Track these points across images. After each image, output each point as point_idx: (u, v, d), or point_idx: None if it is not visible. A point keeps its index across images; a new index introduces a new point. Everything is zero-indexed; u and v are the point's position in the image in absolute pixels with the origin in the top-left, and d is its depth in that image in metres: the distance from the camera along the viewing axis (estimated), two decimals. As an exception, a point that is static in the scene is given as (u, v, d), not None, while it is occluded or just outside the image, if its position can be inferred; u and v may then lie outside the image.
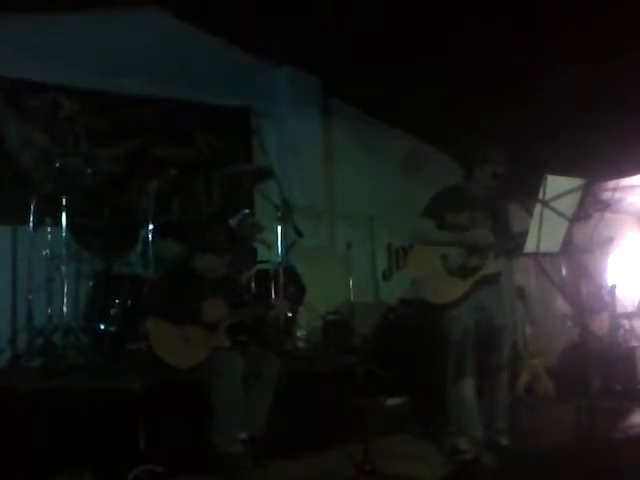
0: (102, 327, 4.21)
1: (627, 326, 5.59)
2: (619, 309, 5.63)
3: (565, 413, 3.76)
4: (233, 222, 4.48)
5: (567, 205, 2.92)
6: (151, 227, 4.24)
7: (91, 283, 4.39)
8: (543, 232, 2.91)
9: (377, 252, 6.10)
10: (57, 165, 4.24)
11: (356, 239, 5.73)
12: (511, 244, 3.43)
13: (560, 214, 2.93)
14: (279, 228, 4.89)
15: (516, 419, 3.77)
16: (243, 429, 3.33)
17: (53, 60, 4.81)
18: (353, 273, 5.52)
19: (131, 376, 3.57)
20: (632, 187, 5.57)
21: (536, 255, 3.14)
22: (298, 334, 5.03)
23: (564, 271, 4.62)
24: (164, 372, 3.36)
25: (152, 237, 4.24)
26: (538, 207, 2.92)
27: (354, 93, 5.97)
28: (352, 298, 5.44)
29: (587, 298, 5.29)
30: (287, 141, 5.88)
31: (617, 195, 3.57)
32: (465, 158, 3.77)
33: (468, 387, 3.57)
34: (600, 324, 5.40)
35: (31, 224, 4.19)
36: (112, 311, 4.20)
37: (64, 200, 4.17)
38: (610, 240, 5.34)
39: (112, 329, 4.18)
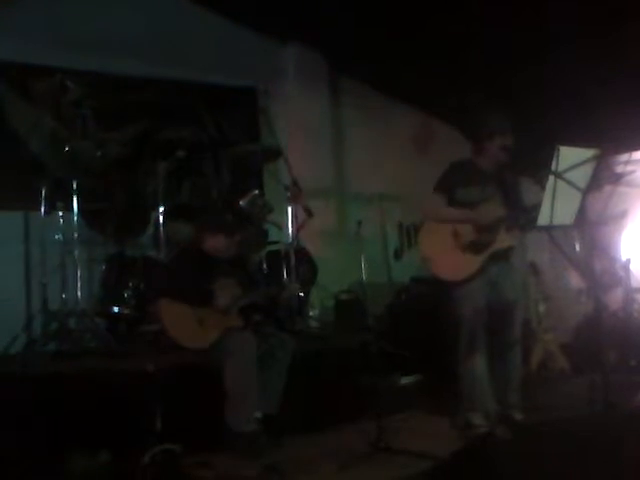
0: (116, 310, 4.24)
1: (642, 300, 5.52)
2: (633, 283, 5.57)
3: (580, 388, 3.74)
4: (243, 203, 4.48)
5: (580, 177, 2.88)
6: (161, 209, 4.25)
7: (104, 266, 4.42)
8: (556, 204, 2.88)
9: (388, 231, 6.07)
10: (66, 149, 4.24)
11: (366, 218, 5.70)
12: (523, 218, 3.39)
13: (573, 185, 2.89)
14: (289, 208, 4.87)
15: (530, 394, 3.77)
16: (257, 408, 3.36)
17: (59, 43, 4.80)
18: (364, 252, 5.50)
19: (145, 358, 3.58)
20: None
21: (549, 228, 3.09)
22: (311, 313, 5.04)
23: (577, 245, 4.57)
24: (178, 353, 3.38)
25: (163, 219, 4.25)
26: (551, 179, 2.88)
27: (361, 69, 5.90)
28: (364, 277, 5.43)
29: (601, 272, 5.23)
30: (295, 120, 5.84)
31: (630, 168, 3.51)
32: (474, 132, 3.73)
33: (480, 363, 3.56)
34: (614, 298, 5.34)
35: (43, 209, 4.20)
36: (125, 294, 4.22)
37: (75, 184, 4.18)
38: (624, 213, 5.27)
39: (126, 312, 4.21)
